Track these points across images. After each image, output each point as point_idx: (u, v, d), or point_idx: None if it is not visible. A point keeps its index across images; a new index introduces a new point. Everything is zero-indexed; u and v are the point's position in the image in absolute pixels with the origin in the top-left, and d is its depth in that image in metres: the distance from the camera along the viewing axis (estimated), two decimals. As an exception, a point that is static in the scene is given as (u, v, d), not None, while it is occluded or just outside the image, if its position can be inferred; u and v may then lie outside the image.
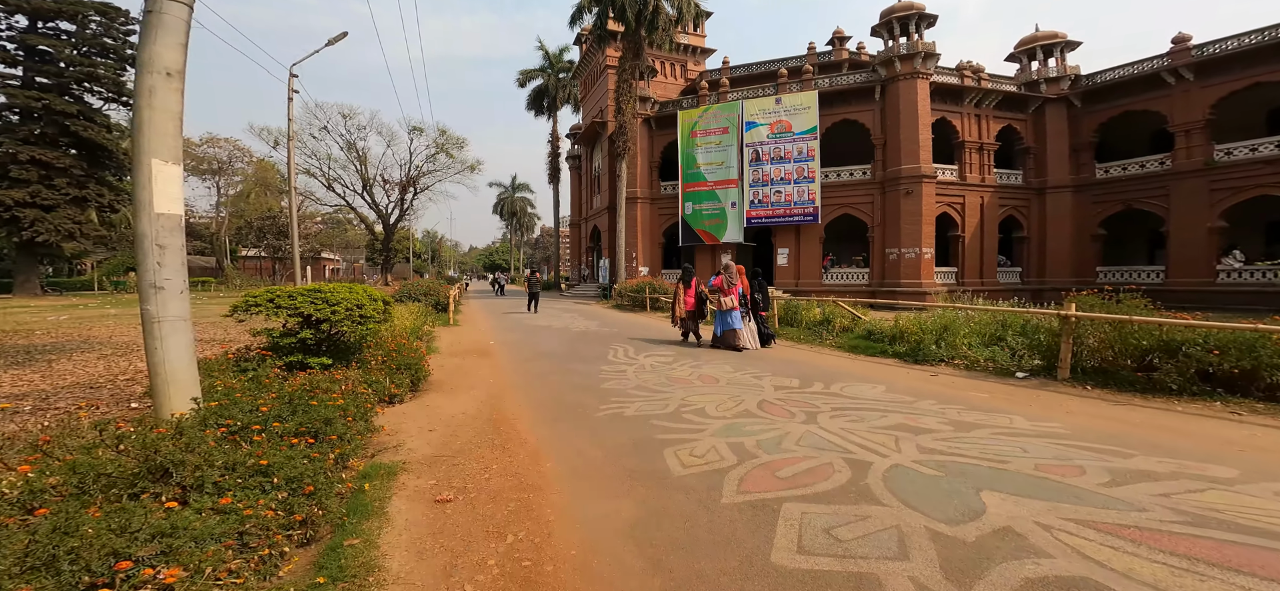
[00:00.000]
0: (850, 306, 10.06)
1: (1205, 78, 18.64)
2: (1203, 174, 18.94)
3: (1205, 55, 18.49)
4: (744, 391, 5.82)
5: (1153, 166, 20.62)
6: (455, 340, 10.86)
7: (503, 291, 32.02)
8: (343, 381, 5.15)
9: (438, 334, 11.54)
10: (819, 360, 8.01)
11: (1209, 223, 18.78)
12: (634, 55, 22.12)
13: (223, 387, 4.02)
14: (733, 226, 22.99)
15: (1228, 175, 18.38)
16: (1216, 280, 18.60)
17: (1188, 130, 19.21)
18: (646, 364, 7.84)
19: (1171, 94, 19.55)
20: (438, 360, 8.47)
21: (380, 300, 6.06)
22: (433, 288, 16.86)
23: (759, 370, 7.06)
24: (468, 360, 8.60)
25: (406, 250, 34.09)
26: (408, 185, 36.48)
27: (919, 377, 6.41)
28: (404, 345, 6.48)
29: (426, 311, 13.30)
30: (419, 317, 10.65)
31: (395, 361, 5.99)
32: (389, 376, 5.69)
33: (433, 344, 10.00)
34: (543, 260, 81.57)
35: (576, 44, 33.01)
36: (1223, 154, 18.54)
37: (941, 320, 7.37)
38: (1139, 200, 20.97)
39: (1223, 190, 18.55)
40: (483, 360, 8.62)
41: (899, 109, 20.35)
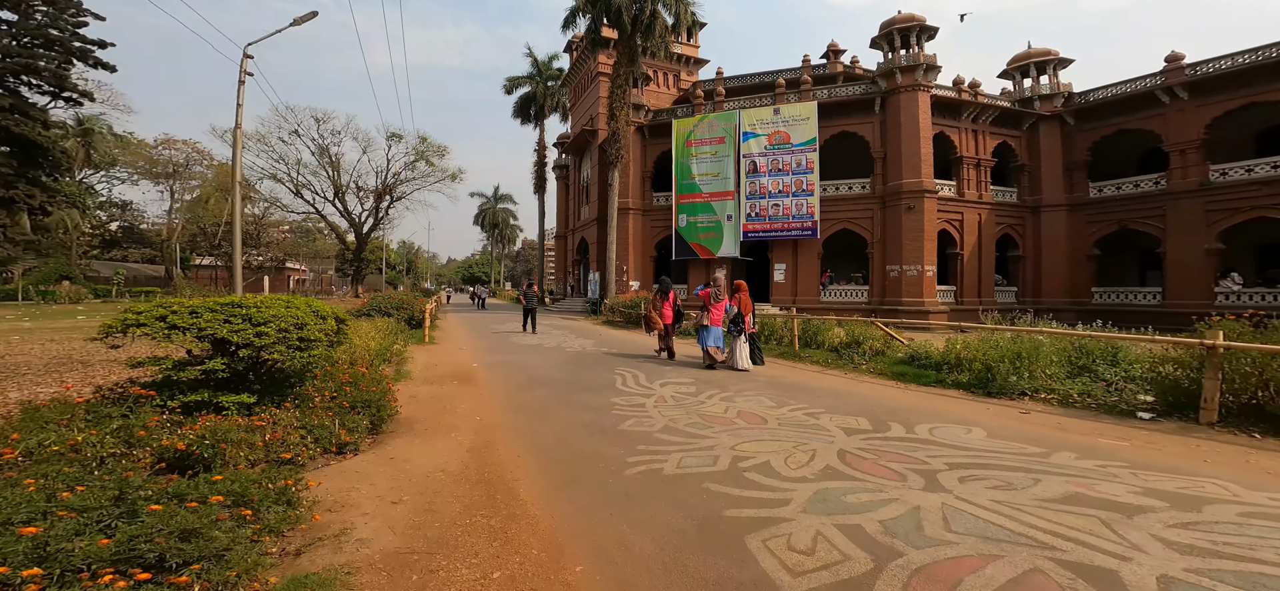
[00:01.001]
0: (884, 327, 8.95)
1: (1200, 97, 18.74)
2: (1199, 194, 18.94)
3: (1199, 74, 18.61)
4: (808, 435, 4.55)
5: (1147, 186, 20.62)
6: (432, 361, 9.31)
7: (484, 306, 30.23)
8: (269, 428, 3.66)
9: (411, 354, 9.96)
10: (866, 390, 6.82)
11: (1206, 244, 18.69)
12: (629, 61, 21.20)
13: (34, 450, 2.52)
14: (729, 240, 22.02)
15: (1224, 196, 18.38)
16: (1215, 303, 18.39)
17: (1183, 150, 19.25)
18: (666, 395, 6.52)
19: (1166, 113, 19.63)
20: (410, 388, 6.95)
21: (329, 317, 4.59)
22: (406, 300, 15.14)
23: (809, 405, 5.82)
24: (447, 388, 7.11)
25: (380, 261, 32.01)
26: (384, 193, 34.56)
27: (1008, 415, 5.27)
28: (363, 375, 4.99)
29: (398, 328, 11.68)
30: (388, 335, 9.09)
31: (350, 396, 4.51)
32: (339, 417, 4.22)
33: (404, 367, 8.46)
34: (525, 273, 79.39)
35: (567, 51, 32.11)
36: (1218, 175, 18.58)
37: (1012, 345, 6.29)
38: (1134, 221, 20.89)
39: (1220, 211, 18.52)
40: (465, 388, 7.14)
41: (900, 121, 19.88)
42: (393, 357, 9.04)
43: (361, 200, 34.52)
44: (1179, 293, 19.46)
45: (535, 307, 15.30)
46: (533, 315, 15.03)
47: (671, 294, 9.74)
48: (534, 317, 15.07)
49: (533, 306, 15.08)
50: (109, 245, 33.14)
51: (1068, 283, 22.61)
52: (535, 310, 15.26)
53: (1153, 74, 20.05)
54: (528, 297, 15.22)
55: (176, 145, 35.48)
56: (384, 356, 7.71)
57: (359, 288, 32.37)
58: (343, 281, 44.33)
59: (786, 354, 10.14)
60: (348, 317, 5.06)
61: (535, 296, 15.70)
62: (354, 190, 34.47)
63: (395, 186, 35.16)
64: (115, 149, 33.38)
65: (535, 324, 15.08)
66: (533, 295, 15.42)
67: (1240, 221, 18.15)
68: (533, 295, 15.42)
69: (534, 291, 15.74)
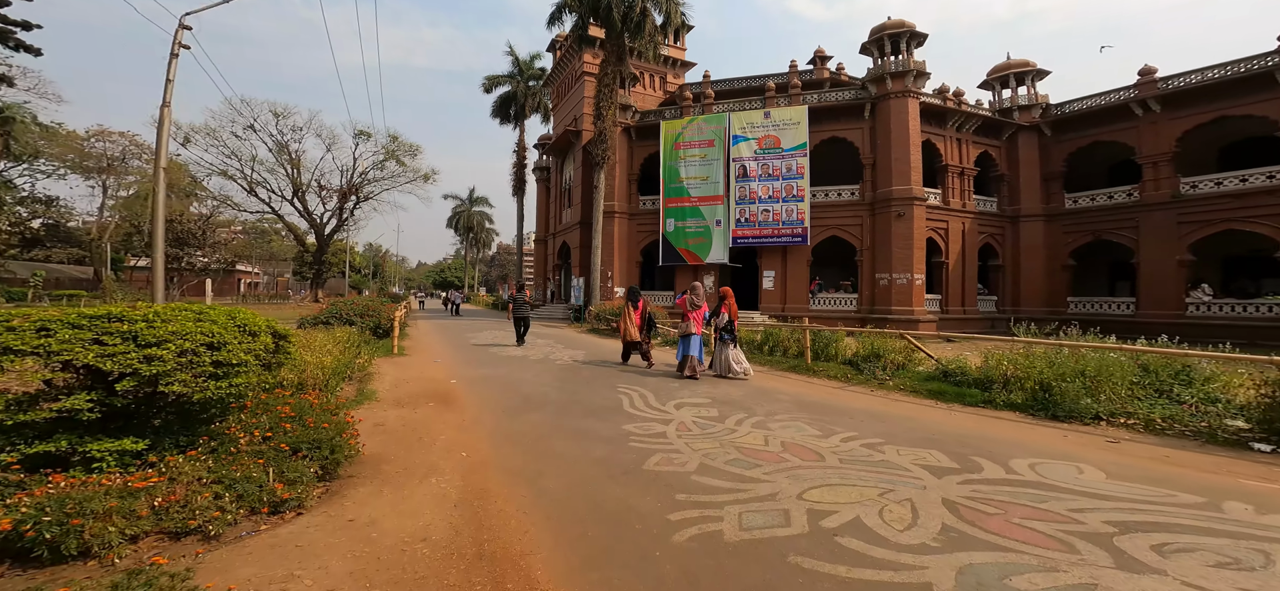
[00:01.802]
0: (910, 339, 8.26)
1: (1171, 110, 19.34)
2: (1171, 206, 19.50)
3: (1171, 88, 19.21)
4: (886, 476, 3.68)
5: (1121, 198, 21.15)
6: (402, 377, 8.04)
7: (458, 312, 28.50)
8: (164, 488, 2.50)
9: (377, 369, 8.64)
10: (910, 412, 6.05)
11: (1178, 255, 19.21)
12: (617, 59, 20.34)
13: None
14: (718, 246, 21.35)
15: (1195, 208, 18.96)
16: (1186, 313, 18.89)
17: (1155, 162, 19.82)
18: (687, 420, 5.56)
19: (1139, 125, 20.20)
20: (375, 412, 5.75)
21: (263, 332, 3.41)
22: (372, 307, 13.62)
23: (860, 432, 4.98)
24: (421, 412, 5.92)
25: (343, 264, 29.74)
26: (349, 193, 32.44)
27: (1096, 445, 4.55)
28: (311, 404, 3.82)
29: (361, 338, 10.29)
30: (349, 348, 7.79)
31: (292, 435, 3.35)
32: (275, 464, 3.07)
33: (368, 385, 7.18)
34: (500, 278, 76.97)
35: (550, 50, 31.05)
36: (1188, 187, 19.18)
37: (1072, 362, 5.63)
38: (1109, 231, 21.39)
39: (1191, 223, 19.09)
40: (444, 411, 5.98)
41: (890, 127, 19.75)
42: (355, 374, 7.74)
43: (324, 200, 32.28)
44: (1152, 303, 19.93)
45: (528, 316, 12.91)
46: (525, 324, 12.74)
47: (641, 302, 9.54)
48: (526, 327, 12.81)
49: (525, 315, 12.70)
50: (30, 244, 29.70)
51: (1045, 292, 22.96)
52: (528, 319, 12.90)
53: (1126, 86, 20.62)
54: (518, 305, 12.72)
55: (112, 137, 32.33)
56: (343, 374, 6.46)
57: (319, 292, 30.10)
58: (301, 285, 41.44)
59: (798, 367, 9.36)
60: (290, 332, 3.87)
61: (527, 305, 13.02)
62: (316, 189, 32.23)
63: (362, 186, 33.11)
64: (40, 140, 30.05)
65: (526, 334, 12.91)
66: (524, 302, 12.89)
67: (1210, 234, 18.72)
68: (524, 302, 12.89)
69: (525, 297, 13.23)
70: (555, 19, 21.56)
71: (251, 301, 34.01)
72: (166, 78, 9.15)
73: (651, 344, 9.94)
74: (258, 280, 47.32)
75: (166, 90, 9.13)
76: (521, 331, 12.71)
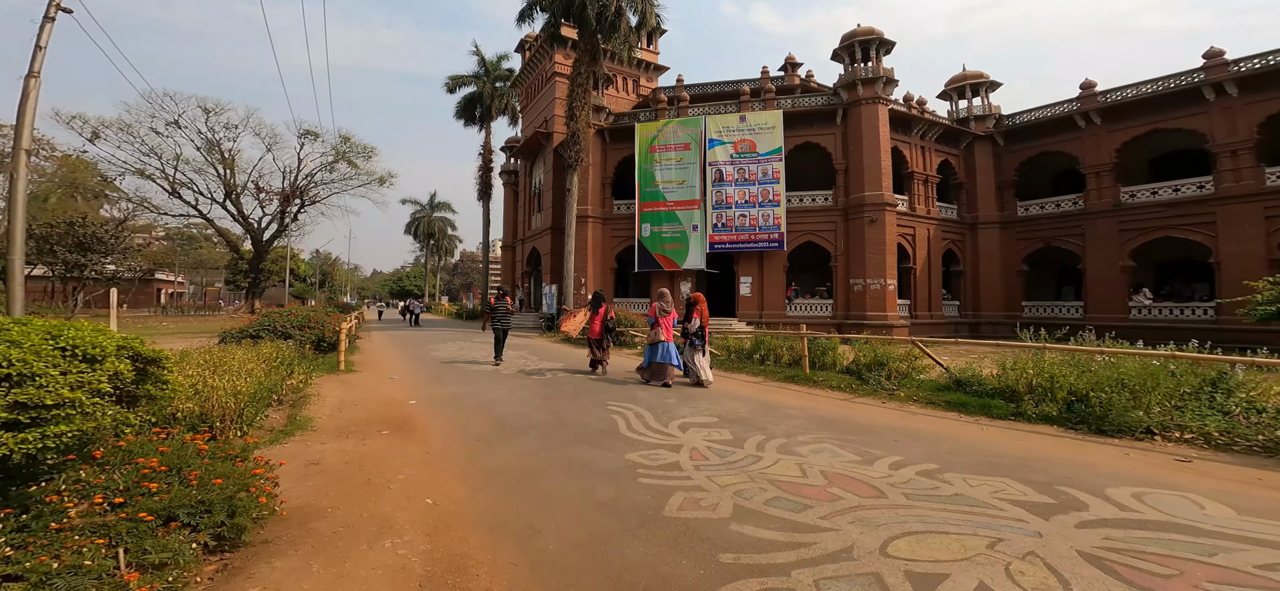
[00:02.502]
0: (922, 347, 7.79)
1: (1111, 122, 20.62)
2: (1113, 214, 20.71)
3: (1110, 101, 20.49)
4: (977, 518, 2.98)
5: (1068, 206, 22.32)
6: (349, 399, 6.76)
7: (417, 322, 26.46)
8: None
9: (318, 390, 7.28)
10: (943, 429, 5.46)
11: (1120, 261, 20.37)
12: (591, 59, 19.52)
13: None
14: (695, 251, 20.81)
15: (1135, 216, 20.20)
16: (1129, 316, 19.99)
17: (1098, 172, 21.04)
18: (699, 445, 4.73)
19: (1082, 136, 21.43)
20: (310, 446, 4.55)
21: (109, 356, 2.28)
22: (314, 318, 11.96)
23: (903, 456, 4.32)
24: (371, 443, 4.77)
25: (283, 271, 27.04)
26: (292, 196, 29.71)
27: (1168, 466, 4.05)
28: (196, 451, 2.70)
29: (298, 354, 8.83)
30: (277, 367, 6.44)
31: (163, 499, 2.24)
32: (132, 541, 1.97)
33: (303, 410, 5.90)
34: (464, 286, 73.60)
35: (519, 50, 29.85)
36: (1128, 196, 20.44)
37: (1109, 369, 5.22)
38: (1058, 238, 22.51)
39: (1131, 231, 20.31)
40: (401, 442, 4.85)
41: (861, 133, 19.95)
42: (286, 398, 6.40)
43: (262, 203, 29.42)
44: (1098, 307, 20.99)
45: (508, 328, 10.95)
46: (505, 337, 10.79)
47: (603, 307, 9.64)
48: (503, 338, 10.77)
49: (506, 326, 10.77)
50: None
51: (1003, 297, 23.86)
52: (507, 331, 10.92)
53: (1070, 99, 21.84)
54: (498, 314, 10.69)
55: (2, 129, 28.17)
56: (265, 400, 5.18)
57: (256, 302, 27.23)
58: (235, 296, 37.68)
59: (796, 377, 8.74)
60: (166, 356, 2.73)
61: (509, 312, 11.09)
62: (253, 191, 29.33)
63: (308, 189, 30.45)
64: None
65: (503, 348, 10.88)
66: (506, 311, 10.86)
67: (1148, 240, 19.95)
68: (506, 311, 10.86)
69: (507, 305, 11.06)
70: (525, 17, 20.52)
71: (172, 314, 30.30)
72: (36, 44, 7.48)
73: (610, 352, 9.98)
74: (183, 290, 42.58)
75: (35, 58, 7.45)
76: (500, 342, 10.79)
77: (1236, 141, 17.53)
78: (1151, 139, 20.16)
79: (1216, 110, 18.00)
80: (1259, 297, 12.11)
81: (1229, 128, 17.70)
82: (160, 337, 16.52)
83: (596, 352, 9.37)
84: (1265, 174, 17.05)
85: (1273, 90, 16.87)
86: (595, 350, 9.40)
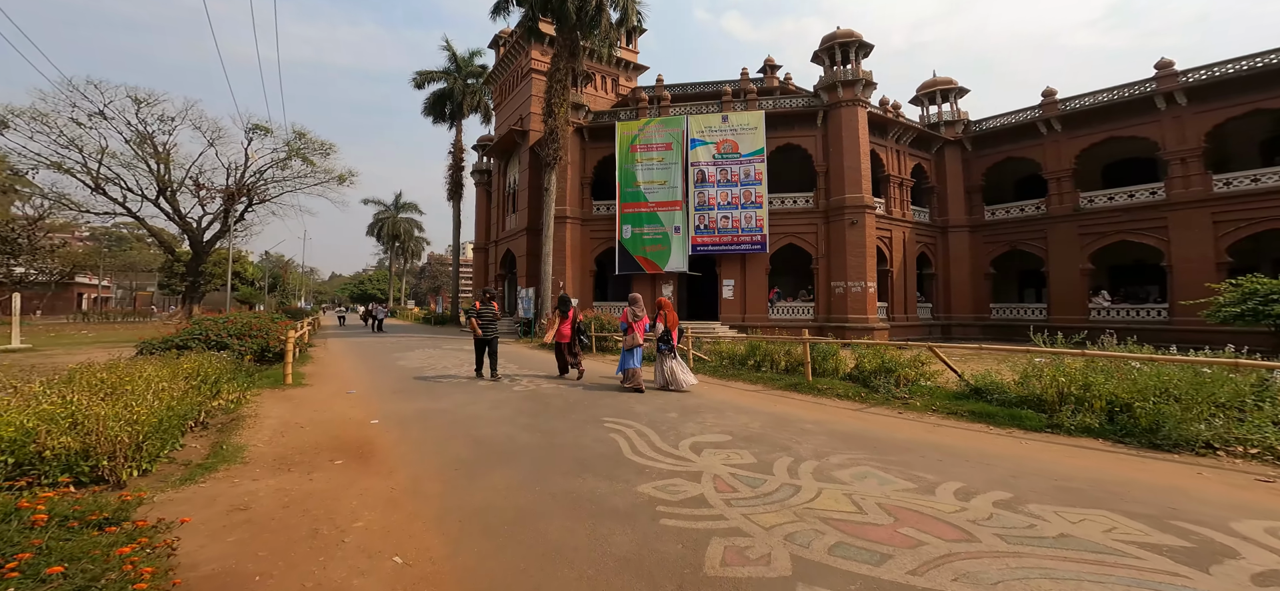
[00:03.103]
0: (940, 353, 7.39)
1: (1072, 129, 21.51)
2: (1073, 219, 21.58)
3: (1069, 109, 21.36)
4: (1145, 584, 2.44)
5: (1031, 211, 23.14)
6: (294, 420, 5.72)
7: (381, 328, 24.70)
8: None
9: (257, 409, 6.18)
10: (976, 443, 5.03)
11: (1080, 264, 21.22)
12: (570, 55, 18.68)
13: None
14: (677, 253, 20.26)
15: (1094, 221, 21.10)
16: (1089, 317, 20.81)
17: (1059, 178, 21.91)
18: (720, 471, 4.08)
19: (1044, 143, 22.28)
20: (235, 484, 3.60)
21: None
22: (256, 325, 10.56)
23: (977, 487, 3.81)
24: (320, 478, 3.84)
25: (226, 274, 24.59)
26: (237, 194, 27.31)
27: (1253, 487, 3.71)
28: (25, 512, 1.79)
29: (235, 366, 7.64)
30: (202, 384, 5.35)
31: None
32: None
33: (234, 437, 4.88)
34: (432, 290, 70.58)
35: (493, 46, 28.63)
36: (1087, 202, 21.35)
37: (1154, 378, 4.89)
38: (1023, 242, 23.30)
39: (1090, 235, 21.20)
40: (359, 474, 3.95)
41: (842, 135, 19.99)
42: (214, 421, 5.31)
43: (203, 201, 26.94)
44: (1060, 308, 21.77)
45: (496, 336, 9.26)
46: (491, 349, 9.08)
47: (572, 311, 9.45)
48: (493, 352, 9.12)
49: (493, 335, 9.12)
50: None
51: (972, 300, 24.47)
52: (496, 340, 9.24)
53: (1033, 107, 22.68)
54: (487, 323, 9.07)
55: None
56: (177, 427, 4.16)
57: (195, 308, 24.79)
58: (171, 301, 34.49)
59: (798, 385, 8.23)
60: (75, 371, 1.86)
61: (496, 319, 9.42)
62: (192, 188, 26.81)
63: (257, 186, 28.10)
64: None
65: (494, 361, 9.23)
66: (493, 317, 9.23)
67: (1106, 244, 20.84)
68: (493, 317, 9.23)
69: (495, 311, 9.41)
70: (500, 9, 19.49)
71: (95, 322, 27.13)
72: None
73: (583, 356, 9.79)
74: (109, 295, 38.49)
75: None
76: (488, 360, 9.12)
77: (1186, 149, 18.53)
78: (1108, 146, 21.15)
79: (1167, 119, 19.00)
80: (1222, 300, 12.59)
81: (1179, 136, 18.70)
82: (73, 348, 14.46)
83: (567, 358, 9.14)
84: (1213, 180, 18.06)
85: (1219, 100, 17.92)
86: (566, 355, 9.15)
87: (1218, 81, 17.81)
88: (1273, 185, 17.00)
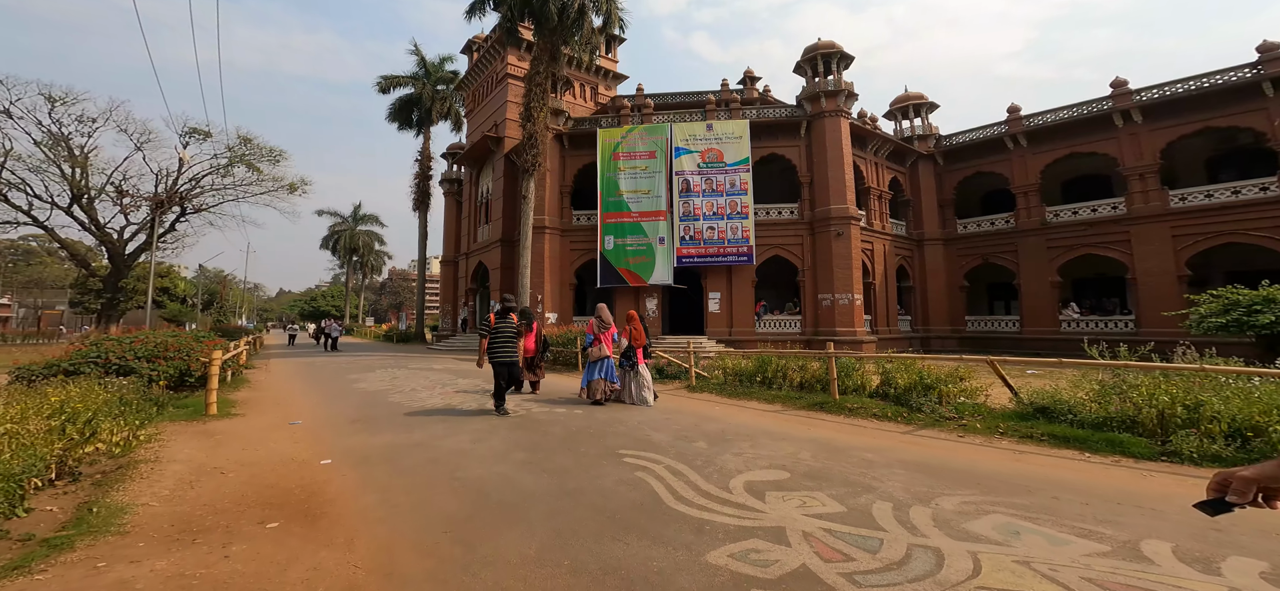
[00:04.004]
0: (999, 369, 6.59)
1: (1036, 145, 22.29)
2: (1041, 232, 22.25)
3: (1033, 125, 22.16)
4: None
5: (1001, 225, 23.77)
6: (209, 465, 4.27)
7: (335, 347, 22.35)
8: None
9: (161, 450, 4.66)
10: (1091, 477, 4.25)
11: (1050, 277, 21.81)
12: (550, 58, 17.70)
13: None
14: (662, 265, 19.37)
15: (1060, 235, 21.78)
16: (1061, 330, 21.34)
17: (1026, 192, 22.62)
18: (805, 523, 3.09)
19: (1010, 158, 23.01)
20: (105, 571, 2.23)
21: None
22: (175, 344, 8.74)
23: (1196, 545, 2.92)
24: (241, 556, 2.51)
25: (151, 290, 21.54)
26: (168, 202, 24.49)
27: None
28: None
29: (140, 395, 6.04)
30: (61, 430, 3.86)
31: None
32: None
33: (113, 494, 3.44)
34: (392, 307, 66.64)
35: (466, 51, 27.30)
36: (1053, 216, 22.08)
37: (1262, 395, 4.29)
38: (994, 255, 23.85)
39: (1058, 248, 21.85)
40: (299, 546, 2.64)
41: (826, 146, 19.85)
42: (92, 472, 3.83)
43: (126, 210, 24.01)
44: (1032, 320, 22.26)
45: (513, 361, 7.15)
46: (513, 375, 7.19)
47: (536, 325, 9.44)
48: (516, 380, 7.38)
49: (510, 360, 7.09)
50: None
51: (948, 312, 24.76)
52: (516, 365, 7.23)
53: (999, 123, 23.46)
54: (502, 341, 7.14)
55: None
56: (17, 484, 2.76)
57: (112, 328, 21.75)
58: (86, 320, 30.50)
59: (826, 404, 7.37)
60: None
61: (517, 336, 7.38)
62: (113, 196, 23.87)
63: (191, 194, 25.34)
64: None
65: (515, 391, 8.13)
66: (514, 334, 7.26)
67: (1073, 257, 21.52)
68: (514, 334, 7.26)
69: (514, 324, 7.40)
70: (477, 9, 18.33)
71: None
72: None
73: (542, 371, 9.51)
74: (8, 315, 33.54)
75: None
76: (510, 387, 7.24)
77: (1143, 165, 19.43)
78: (1069, 161, 22.02)
79: (1124, 136, 19.93)
80: (1202, 311, 12.83)
81: (1136, 152, 19.61)
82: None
83: (527, 374, 8.86)
84: (1169, 196, 18.95)
85: (1172, 118, 18.92)
86: (527, 371, 8.90)
87: (1170, 100, 18.83)
88: (1225, 200, 17.97)
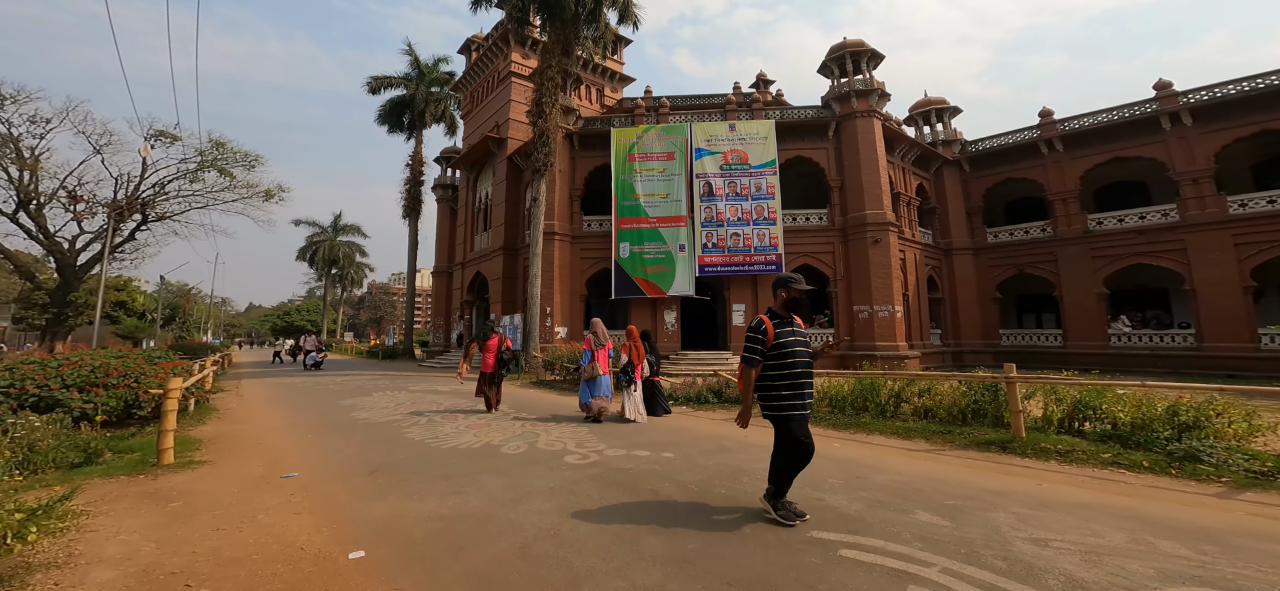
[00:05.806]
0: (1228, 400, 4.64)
1: (1074, 149, 21.01)
2: (1083, 241, 20.78)
3: (1069, 129, 20.92)
4: None
5: (1036, 233, 22.30)
6: (159, 563, 2.06)
7: (319, 367, 19.68)
8: None
9: (68, 550, 2.41)
10: None
11: (1096, 289, 20.22)
12: (563, 52, 15.98)
13: None
14: (682, 275, 17.40)
15: (1105, 243, 20.32)
16: (1109, 345, 19.68)
17: (1064, 199, 21.24)
18: None
19: (1045, 163, 21.68)
20: None
21: None
22: (118, 367, 6.47)
23: None
24: None
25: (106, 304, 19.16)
26: (128, 209, 22.08)
27: None
28: None
29: (59, 442, 3.79)
30: None
31: None
32: None
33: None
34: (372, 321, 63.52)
35: (464, 50, 25.67)
36: (1095, 223, 20.67)
37: None
38: (1030, 265, 22.29)
39: (1103, 258, 20.36)
40: None
41: (857, 148, 18.31)
42: None
43: (80, 217, 21.56)
44: (1078, 335, 20.55)
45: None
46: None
47: (495, 338, 8.59)
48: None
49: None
50: None
51: (981, 325, 23.04)
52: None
53: (1031, 127, 22.20)
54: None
55: None
56: None
57: (58, 345, 19.10)
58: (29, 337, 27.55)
59: (1010, 444, 5.26)
60: None
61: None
62: (65, 202, 21.44)
63: (155, 200, 22.96)
64: None
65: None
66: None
67: (1120, 267, 19.94)
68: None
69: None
70: (480, 2, 16.63)
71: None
72: None
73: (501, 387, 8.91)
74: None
75: None
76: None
77: (1196, 170, 18.14)
78: (1109, 167, 20.74)
79: (1173, 139, 18.70)
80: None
81: (1188, 156, 18.35)
82: None
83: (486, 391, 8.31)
84: (1228, 202, 17.61)
85: (1224, 120, 17.73)
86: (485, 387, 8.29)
87: (1221, 102, 17.69)
88: (1291, 204, 16.66)
